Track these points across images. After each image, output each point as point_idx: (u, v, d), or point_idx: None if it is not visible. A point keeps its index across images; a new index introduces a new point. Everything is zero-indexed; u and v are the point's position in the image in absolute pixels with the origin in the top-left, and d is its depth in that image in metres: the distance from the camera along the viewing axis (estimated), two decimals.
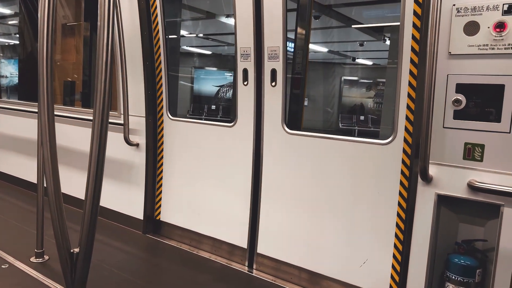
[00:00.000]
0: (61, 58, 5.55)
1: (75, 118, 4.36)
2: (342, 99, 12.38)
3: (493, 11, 2.05)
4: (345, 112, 11.74)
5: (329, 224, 2.87)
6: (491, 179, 2.13)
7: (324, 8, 6.50)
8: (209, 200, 3.54)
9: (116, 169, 4.02)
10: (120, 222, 4.05)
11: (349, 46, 11.21)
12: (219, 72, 12.81)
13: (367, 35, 8.94)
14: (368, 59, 12.58)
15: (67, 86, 5.40)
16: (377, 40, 9.04)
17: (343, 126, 10.39)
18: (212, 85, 12.21)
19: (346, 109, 12.17)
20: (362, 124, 10.40)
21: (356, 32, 8.80)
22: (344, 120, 10.79)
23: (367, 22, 8.18)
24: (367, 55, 12.06)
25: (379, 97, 11.63)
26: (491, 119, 2.11)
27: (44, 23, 1.70)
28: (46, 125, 1.81)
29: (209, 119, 6.50)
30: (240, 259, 3.38)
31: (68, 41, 5.48)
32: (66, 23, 5.41)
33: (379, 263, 2.65)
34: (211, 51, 12.67)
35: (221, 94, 12.14)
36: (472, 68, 2.14)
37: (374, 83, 12.39)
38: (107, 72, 1.69)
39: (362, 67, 13.16)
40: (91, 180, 1.81)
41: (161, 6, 3.54)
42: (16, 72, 7.70)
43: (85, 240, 1.95)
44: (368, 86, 12.87)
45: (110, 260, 3.27)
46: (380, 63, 12.09)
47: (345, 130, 9.99)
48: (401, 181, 2.53)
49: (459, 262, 2.24)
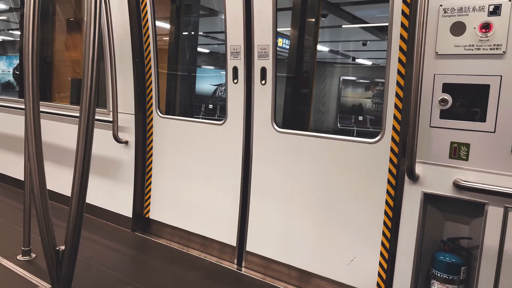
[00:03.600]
0: (68, 55, 5.30)
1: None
2: (341, 99, 12.37)
3: (479, 12, 2.08)
4: (344, 112, 11.74)
5: (318, 222, 2.89)
6: (476, 178, 2.15)
7: (332, 7, 6.48)
8: (199, 198, 3.54)
9: (105, 167, 4.00)
10: (109, 220, 4.03)
11: (351, 46, 11.17)
12: (216, 71, 12.68)
13: (371, 34, 8.90)
14: (369, 59, 12.57)
15: (74, 85, 5.13)
16: (381, 40, 9.01)
17: (341, 126, 10.39)
18: (210, 84, 12.08)
19: (345, 109, 12.17)
20: (361, 125, 10.44)
21: (359, 31, 8.75)
22: (343, 120, 10.79)
23: (371, 22, 8.15)
24: (368, 54, 12.06)
25: (377, 97, 11.65)
26: (477, 118, 2.13)
27: (29, 18, 1.68)
28: (31, 121, 1.80)
29: (207, 118, 6.43)
30: (230, 257, 3.38)
31: (74, 37, 5.23)
32: (73, 18, 5.21)
33: (366, 261, 2.67)
34: (208, 49, 12.55)
35: (219, 93, 12.00)
36: (458, 68, 2.16)
37: (372, 83, 12.43)
38: (93, 69, 1.68)
39: (361, 67, 13.16)
40: (77, 176, 1.80)
41: (151, 3, 3.52)
42: (7, 69, 7.62)
43: (71, 238, 1.94)
44: (366, 86, 12.89)
45: (98, 258, 3.25)
46: (380, 63, 12.09)
47: (343, 130, 9.97)
48: (389, 180, 2.55)
49: (445, 260, 2.27)
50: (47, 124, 4.35)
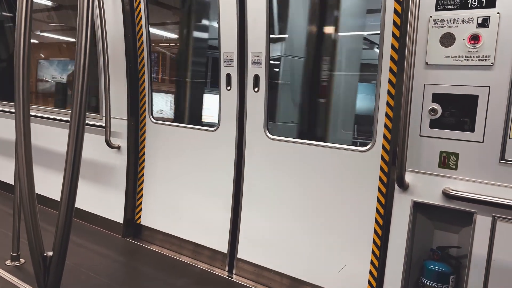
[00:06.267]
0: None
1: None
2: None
3: (468, 23, 2.11)
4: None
5: (309, 230, 2.89)
6: (465, 187, 2.17)
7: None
8: (190, 205, 3.53)
9: (96, 172, 3.98)
10: (100, 225, 4.00)
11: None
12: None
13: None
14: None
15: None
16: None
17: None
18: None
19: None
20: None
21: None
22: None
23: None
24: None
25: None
26: (466, 128, 2.15)
27: (21, 24, 1.69)
28: (21, 125, 1.79)
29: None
30: (221, 264, 3.37)
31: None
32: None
33: (357, 269, 2.67)
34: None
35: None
36: (447, 78, 2.18)
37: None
38: (84, 74, 1.68)
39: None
40: (66, 181, 1.79)
41: (145, 9, 3.54)
42: (59, 75, 6.49)
43: (59, 243, 1.92)
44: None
45: (88, 263, 3.22)
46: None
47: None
48: (379, 188, 2.56)
49: (434, 269, 2.27)
50: (38, 127, 4.34)
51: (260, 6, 2.94)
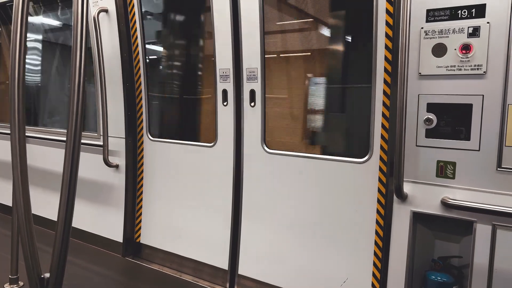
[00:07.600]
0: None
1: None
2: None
3: (459, 33, 2.13)
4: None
5: (310, 244, 2.86)
6: (464, 196, 2.16)
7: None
8: (190, 222, 3.50)
9: (95, 191, 3.96)
10: (99, 245, 3.96)
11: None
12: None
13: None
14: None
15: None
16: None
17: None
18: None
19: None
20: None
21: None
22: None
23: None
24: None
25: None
26: (461, 137, 2.16)
27: (16, 45, 1.71)
28: (16, 146, 1.79)
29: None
30: (222, 281, 3.32)
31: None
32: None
33: (359, 282, 2.64)
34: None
35: None
36: (441, 88, 2.20)
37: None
38: (79, 94, 1.69)
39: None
40: (63, 201, 1.78)
41: (141, 29, 3.58)
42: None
43: (56, 265, 1.90)
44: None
45: (87, 284, 3.18)
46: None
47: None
48: (378, 199, 2.55)
49: (436, 279, 2.25)
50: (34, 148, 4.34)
51: (254, 20, 2.98)
